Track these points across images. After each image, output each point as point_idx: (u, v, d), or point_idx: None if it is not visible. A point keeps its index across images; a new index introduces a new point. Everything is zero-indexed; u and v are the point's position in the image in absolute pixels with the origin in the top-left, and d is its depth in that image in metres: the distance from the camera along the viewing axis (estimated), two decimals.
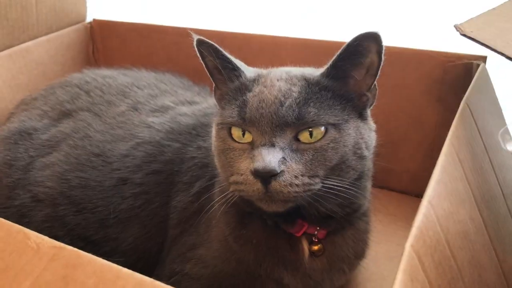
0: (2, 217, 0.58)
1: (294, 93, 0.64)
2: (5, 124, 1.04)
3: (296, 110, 0.62)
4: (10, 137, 0.96)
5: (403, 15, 1.51)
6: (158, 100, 0.98)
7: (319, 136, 0.63)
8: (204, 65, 0.73)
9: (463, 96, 0.82)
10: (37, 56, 1.29)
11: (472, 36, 0.73)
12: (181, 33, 1.30)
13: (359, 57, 0.65)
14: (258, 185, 0.60)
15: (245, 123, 0.64)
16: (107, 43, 1.44)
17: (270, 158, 0.59)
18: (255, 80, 0.69)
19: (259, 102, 0.64)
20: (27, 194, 0.89)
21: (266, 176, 0.59)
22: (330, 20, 1.60)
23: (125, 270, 0.50)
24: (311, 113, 0.62)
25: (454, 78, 1.03)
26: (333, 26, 1.56)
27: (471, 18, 0.77)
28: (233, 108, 0.66)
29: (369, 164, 0.73)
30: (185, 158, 0.84)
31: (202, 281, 0.77)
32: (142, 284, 0.48)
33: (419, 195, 0.58)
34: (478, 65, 0.96)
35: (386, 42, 1.12)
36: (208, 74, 0.73)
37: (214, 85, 0.75)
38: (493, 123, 0.89)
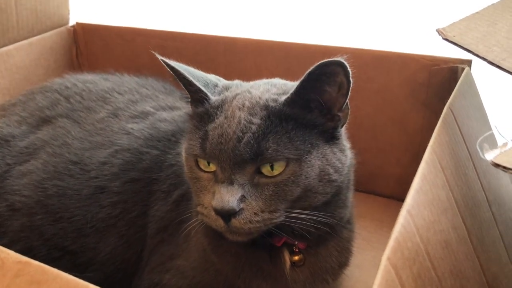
0: None
1: (253, 126, 0.62)
2: None
3: (255, 146, 0.60)
4: None
5: (388, 18, 1.50)
6: (139, 105, 0.96)
7: (281, 169, 0.61)
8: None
9: (448, 100, 0.81)
10: (19, 60, 1.26)
11: (454, 41, 0.72)
12: (166, 37, 1.29)
13: (325, 81, 0.62)
14: (219, 221, 0.61)
15: (207, 156, 0.63)
16: (91, 47, 1.42)
17: (229, 197, 0.59)
18: (219, 107, 0.66)
19: (218, 137, 0.62)
20: (3, 203, 0.87)
21: (224, 215, 0.60)
22: (314, 24, 1.59)
23: (92, 286, 0.48)
24: (270, 150, 0.60)
25: (439, 81, 1.02)
26: (318, 29, 1.54)
27: (454, 22, 0.76)
28: (197, 139, 0.65)
29: (347, 177, 0.71)
30: (163, 165, 0.83)
31: None
32: None
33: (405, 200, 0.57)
34: (463, 69, 0.95)
35: (371, 45, 1.11)
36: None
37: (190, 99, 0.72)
38: (477, 128, 0.88)
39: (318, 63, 0.60)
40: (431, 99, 1.04)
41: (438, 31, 0.74)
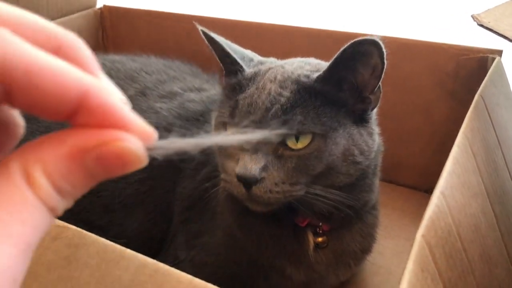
0: None
1: (282, 98, 0.62)
2: None
3: (282, 117, 0.61)
4: None
5: (417, 7, 1.49)
6: (166, 86, 0.97)
7: (306, 142, 0.61)
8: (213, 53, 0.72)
9: (476, 91, 0.80)
10: None
11: (490, 27, 0.71)
12: (191, 21, 1.29)
13: (359, 60, 0.62)
14: (241, 188, 0.61)
15: (236, 124, 0.64)
16: (117, 30, 1.43)
17: (252, 165, 0.60)
18: (251, 79, 0.67)
19: (248, 106, 0.63)
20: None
21: (246, 182, 0.60)
22: (341, 11, 1.59)
23: (129, 251, 0.49)
24: (297, 121, 0.61)
25: (467, 72, 1.01)
26: (345, 16, 1.54)
27: (489, 9, 0.76)
28: (227, 107, 0.66)
29: (374, 162, 0.71)
30: None
31: (206, 269, 0.76)
32: (145, 265, 0.47)
33: (428, 191, 0.57)
34: (493, 59, 0.94)
35: (398, 33, 1.10)
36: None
37: (224, 71, 0.74)
38: (507, 118, 0.87)
39: (353, 41, 0.60)
40: (458, 89, 1.03)
41: (473, 17, 0.74)
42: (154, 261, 0.47)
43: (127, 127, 0.25)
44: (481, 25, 0.71)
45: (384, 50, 0.61)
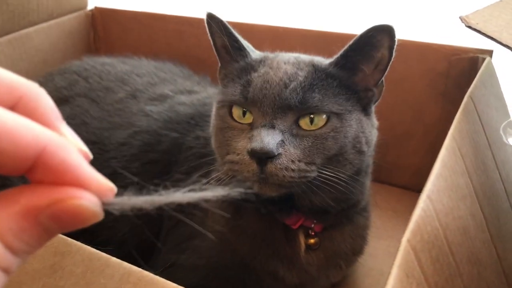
0: None
1: (300, 77, 0.63)
2: None
3: (300, 93, 0.61)
4: None
5: (408, 7, 1.49)
6: (157, 88, 0.97)
7: (320, 124, 0.62)
8: (212, 42, 0.72)
9: (467, 90, 0.80)
10: (38, 43, 1.27)
11: (478, 28, 0.71)
12: (183, 22, 1.29)
13: (371, 49, 0.64)
14: (253, 166, 0.59)
15: (247, 102, 0.63)
16: (108, 31, 1.43)
17: (269, 139, 0.58)
18: (261, 61, 0.68)
19: (263, 83, 0.63)
20: (21, 180, 0.88)
21: (262, 157, 0.58)
22: (333, 11, 1.59)
23: (114, 259, 0.49)
24: (315, 99, 0.61)
25: (459, 72, 1.01)
26: (336, 17, 1.54)
27: (477, 10, 0.75)
28: (236, 87, 0.65)
29: (368, 160, 0.72)
30: (182, 148, 0.83)
31: (197, 272, 0.76)
32: (130, 273, 0.47)
33: (421, 191, 0.57)
34: (483, 59, 0.94)
35: None
36: (215, 52, 0.73)
37: (219, 64, 0.74)
38: (497, 119, 0.87)
39: (367, 29, 0.63)
40: (449, 89, 1.03)
41: (461, 18, 0.74)
42: (139, 269, 0.47)
43: (84, 184, 0.25)
44: (469, 27, 0.71)
45: (395, 40, 0.65)
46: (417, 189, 1.13)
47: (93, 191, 0.25)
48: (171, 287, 0.45)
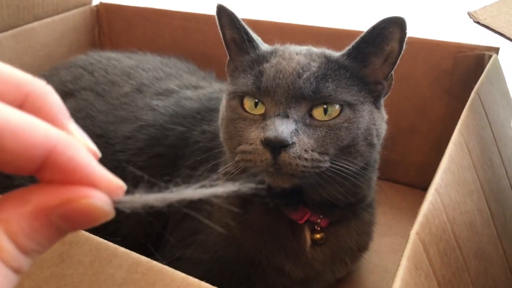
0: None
1: (313, 67, 0.63)
2: None
3: (314, 83, 0.61)
4: None
5: (414, 4, 1.49)
6: (163, 83, 0.97)
7: (334, 114, 0.62)
8: (221, 35, 0.72)
9: (473, 88, 0.80)
10: (42, 38, 1.27)
11: (486, 24, 0.71)
12: (188, 18, 1.29)
13: (382, 41, 0.64)
14: (267, 155, 0.58)
15: (260, 92, 0.63)
16: (113, 27, 1.42)
17: (283, 128, 0.58)
18: (273, 53, 0.68)
19: (276, 72, 0.63)
20: (30, 180, 0.88)
21: (276, 146, 0.57)
22: (339, 8, 1.58)
23: (122, 249, 0.49)
24: (329, 88, 0.61)
25: (464, 69, 1.01)
26: (342, 14, 1.54)
27: (485, 6, 0.75)
28: (248, 78, 0.65)
29: (375, 155, 0.72)
30: (189, 142, 0.83)
31: (202, 267, 0.76)
32: (138, 263, 0.47)
33: (425, 188, 0.56)
34: (490, 56, 0.94)
35: None
36: (224, 45, 0.73)
37: (228, 57, 0.74)
38: (503, 115, 0.87)
39: (379, 20, 0.63)
40: (455, 86, 1.03)
41: (469, 14, 0.73)
42: (148, 259, 0.47)
43: (94, 182, 0.25)
44: (478, 22, 0.71)
45: (406, 32, 0.64)
46: (421, 187, 1.14)
47: (103, 190, 0.25)
48: (180, 277, 0.45)
